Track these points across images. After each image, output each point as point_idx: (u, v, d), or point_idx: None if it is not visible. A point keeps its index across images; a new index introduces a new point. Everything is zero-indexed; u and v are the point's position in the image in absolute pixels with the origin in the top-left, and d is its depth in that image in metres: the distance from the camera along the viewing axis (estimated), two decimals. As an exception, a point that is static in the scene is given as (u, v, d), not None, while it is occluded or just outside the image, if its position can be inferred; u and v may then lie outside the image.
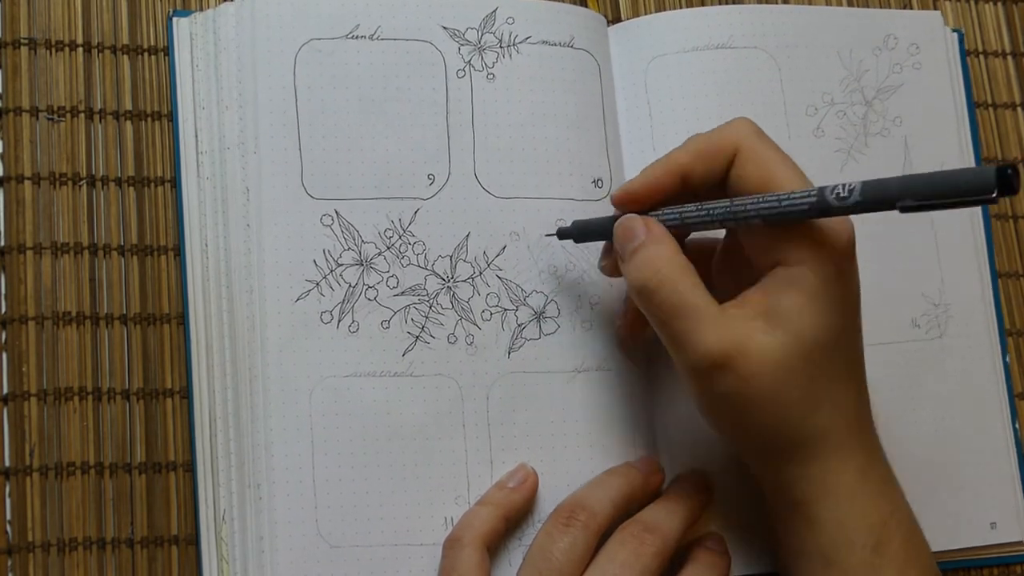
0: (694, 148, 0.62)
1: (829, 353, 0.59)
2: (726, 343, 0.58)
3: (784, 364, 0.58)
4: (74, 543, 0.63)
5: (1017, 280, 0.79)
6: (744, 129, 0.62)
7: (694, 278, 0.60)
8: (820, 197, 0.56)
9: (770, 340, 0.58)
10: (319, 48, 0.68)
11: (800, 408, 0.60)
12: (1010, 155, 0.81)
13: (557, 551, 0.62)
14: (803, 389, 0.59)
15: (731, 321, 0.59)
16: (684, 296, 0.59)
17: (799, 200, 0.57)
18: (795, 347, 0.58)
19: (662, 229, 0.62)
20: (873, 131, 0.76)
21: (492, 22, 0.70)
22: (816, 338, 0.59)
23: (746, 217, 0.59)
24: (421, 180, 0.68)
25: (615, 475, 0.66)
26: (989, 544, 0.73)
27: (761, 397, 0.59)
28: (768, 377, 0.58)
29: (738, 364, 0.58)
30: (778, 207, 0.57)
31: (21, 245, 0.65)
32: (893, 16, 0.79)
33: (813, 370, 0.59)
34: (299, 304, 0.65)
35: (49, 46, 0.68)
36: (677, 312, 0.59)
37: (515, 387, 0.67)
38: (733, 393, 0.59)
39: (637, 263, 0.61)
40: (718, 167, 0.62)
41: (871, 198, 0.54)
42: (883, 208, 0.54)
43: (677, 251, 0.61)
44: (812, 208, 0.56)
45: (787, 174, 0.60)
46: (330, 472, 0.64)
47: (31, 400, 0.64)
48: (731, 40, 0.74)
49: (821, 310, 0.59)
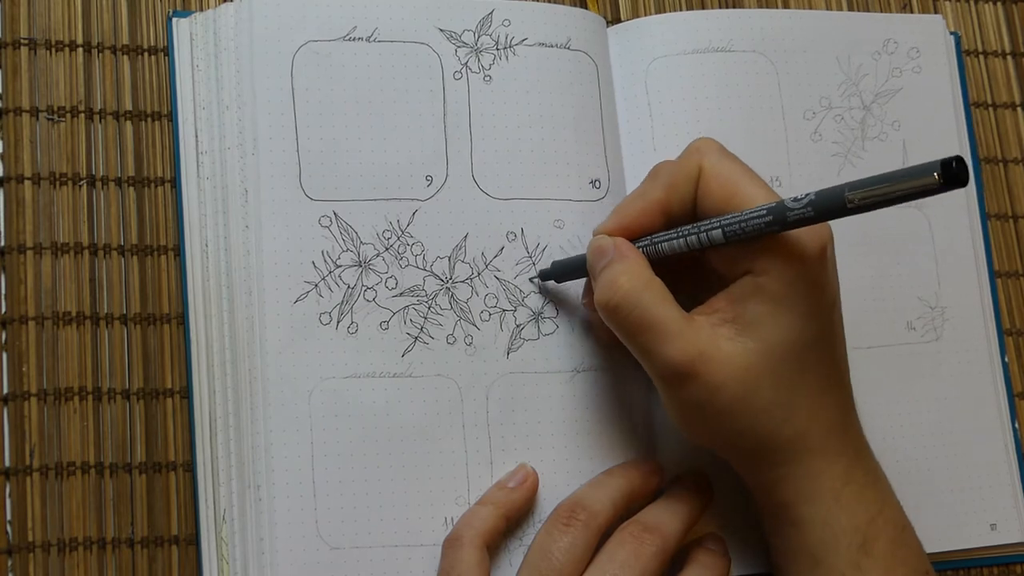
0: (665, 181, 0.63)
1: (800, 359, 0.60)
2: (690, 353, 0.59)
3: (751, 371, 0.59)
4: (74, 543, 0.63)
5: (1016, 280, 0.79)
6: (704, 148, 0.63)
7: (658, 291, 0.60)
8: (777, 211, 0.56)
9: (735, 347, 0.59)
10: (316, 50, 0.68)
11: (773, 414, 0.60)
12: (1010, 155, 0.81)
13: (557, 550, 0.62)
14: (774, 395, 0.59)
15: (696, 331, 0.59)
16: (647, 311, 0.60)
17: (757, 216, 0.57)
18: (762, 354, 0.59)
19: (628, 246, 0.62)
20: (871, 135, 0.76)
21: (489, 24, 0.70)
22: (784, 344, 0.59)
23: (711, 238, 0.59)
24: (419, 181, 0.68)
25: (615, 475, 0.66)
26: (989, 545, 0.73)
27: (730, 404, 0.59)
28: (735, 384, 0.59)
29: (703, 372, 0.59)
30: (739, 225, 0.58)
31: (21, 245, 0.65)
32: (894, 20, 0.79)
33: (783, 376, 0.59)
34: (298, 305, 0.65)
35: (49, 46, 0.68)
36: (640, 327, 0.60)
37: (514, 387, 0.67)
38: (702, 401, 0.60)
39: (602, 281, 0.61)
40: (688, 193, 0.62)
41: (824, 206, 0.54)
42: (838, 215, 0.54)
43: (642, 266, 0.61)
44: (771, 223, 0.57)
45: (749, 188, 0.60)
46: (330, 473, 0.64)
47: (31, 400, 0.64)
48: (731, 44, 0.74)
49: (789, 317, 0.59)
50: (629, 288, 0.60)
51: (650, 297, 0.60)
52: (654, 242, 0.62)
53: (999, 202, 0.80)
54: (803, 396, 0.60)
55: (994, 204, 0.79)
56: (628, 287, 0.60)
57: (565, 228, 0.69)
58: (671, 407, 0.62)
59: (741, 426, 0.60)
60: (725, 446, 0.63)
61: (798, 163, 0.74)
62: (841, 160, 0.75)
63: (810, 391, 0.60)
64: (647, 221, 0.63)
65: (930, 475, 0.72)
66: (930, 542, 0.65)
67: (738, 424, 0.60)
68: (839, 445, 0.61)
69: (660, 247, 0.62)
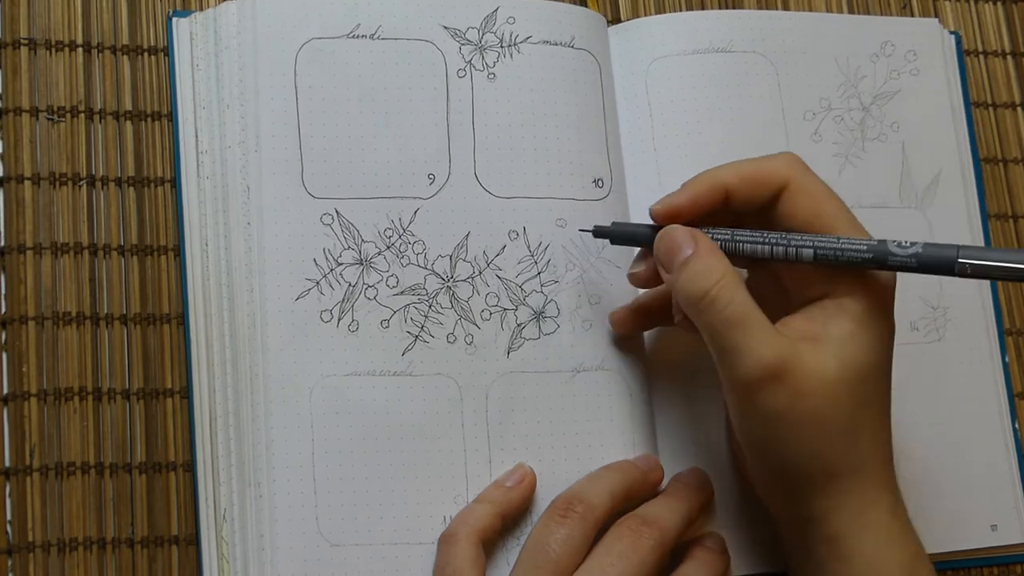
0: (741, 172, 0.63)
1: (872, 384, 0.60)
2: (782, 355, 0.58)
3: (833, 386, 0.59)
4: (74, 543, 0.63)
5: (1017, 280, 0.79)
6: (794, 162, 0.63)
7: (746, 291, 0.60)
8: (878, 251, 0.57)
9: (822, 360, 0.59)
10: (320, 47, 0.68)
11: (843, 436, 0.60)
12: (1010, 155, 0.81)
13: (554, 542, 0.61)
14: (847, 416, 0.59)
15: (783, 337, 0.59)
16: (740, 307, 0.59)
17: (855, 249, 0.58)
18: (842, 372, 0.59)
19: (709, 241, 0.62)
20: (870, 136, 0.76)
21: (493, 22, 0.70)
22: (863, 366, 0.59)
23: (800, 254, 0.60)
24: (421, 179, 0.68)
25: (614, 469, 0.66)
26: (990, 546, 0.73)
27: (808, 417, 0.59)
28: (818, 396, 0.59)
29: (790, 379, 0.58)
30: (833, 251, 0.58)
31: (21, 245, 0.65)
32: (891, 23, 0.80)
33: (858, 398, 0.60)
34: (299, 303, 0.65)
35: (49, 46, 0.68)
36: (733, 323, 0.59)
37: (514, 387, 0.67)
38: (782, 410, 0.59)
39: (691, 274, 0.61)
40: (763, 195, 0.62)
41: (930, 263, 0.56)
42: (941, 273, 0.56)
43: (729, 263, 0.61)
44: (868, 260, 0.57)
45: (834, 210, 0.61)
46: (330, 471, 0.64)
47: (31, 400, 0.64)
48: (731, 44, 0.75)
49: (866, 340, 0.60)
50: (723, 281, 0.60)
51: (743, 294, 0.60)
52: (736, 239, 0.62)
53: (999, 202, 0.80)
54: (868, 422, 0.60)
55: (994, 204, 0.80)
56: (722, 280, 0.60)
57: (567, 227, 0.69)
58: (744, 416, 0.61)
59: (810, 444, 0.60)
60: (784, 468, 0.62)
61: (798, 164, 0.74)
62: (841, 161, 0.76)
63: (874, 418, 0.61)
64: (707, 202, 0.62)
65: (931, 476, 0.73)
66: (931, 543, 0.65)
67: (808, 440, 0.60)
68: (889, 479, 0.62)
69: (742, 246, 0.62)
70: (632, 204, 0.71)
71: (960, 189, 0.77)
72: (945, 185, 0.77)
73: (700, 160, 0.71)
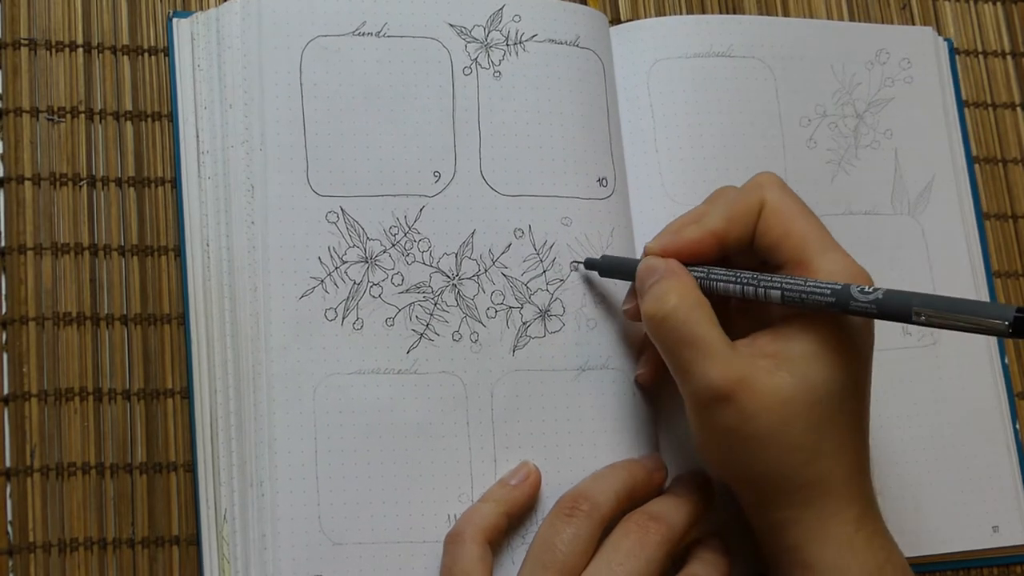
0: (726, 212, 0.63)
1: (834, 403, 0.60)
2: (731, 376, 0.59)
3: (787, 406, 0.59)
4: (75, 543, 0.63)
5: (1016, 280, 0.79)
6: (769, 183, 0.64)
7: (706, 312, 0.61)
8: (841, 296, 0.57)
9: (775, 380, 0.59)
10: (325, 45, 0.68)
11: (800, 453, 0.60)
12: (1009, 155, 0.81)
13: (560, 542, 0.61)
14: (804, 434, 0.59)
15: (738, 357, 0.60)
16: (692, 327, 0.60)
17: (819, 293, 0.58)
18: (800, 391, 0.59)
19: (680, 266, 0.63)
20: (864, 143, 0.77)
21: (499, 20, 0.70)
22: (822, 386, 0.59)
23: (768, 295, 0.60)
24: (427, 177, 0.68)
25: (618, 468, 0.66)
26: (992, 547, 0.73)
27: (761, 436, 0.59)
28: (769, 416, 0.59)
29: (740, 399, 0.59)
30: (799, 293, 0.59)
31: (21, 246, 0.65)
32: (885, 31, 0.80)
33: (816, 417, 0.59)
34: (303, 301, 0.65)
35: (49, 46, 0.68)
36: (684, 342, 0.60)
37: (519, 385, 0.67)
38: (733, 428, 0.60)
39: (651, 295, 0.62)
40: (748, 228, 0.63)
41: (889, 310, 0.56)
42: (899, 320, 0.55)
43: (692, 286, 0.62)
44: (831, 304, 0.57)
45: (803, 227, 0.62)
46: (333, 469, 0.63)
47: (32, 401, 0.64)
48: (731, 49, 0.75)
49: (831, 360, 0.60)
50: (678, 303, 0.61)
51: (698, 315, 0.60)
52: (711, 278, 0.63)
53: (999, 202, 0.80)
54: (830, 440, 0.60)
55: (994, 204, 0.80)
56: (677, 302, 0.61)
57: (572, 225, 0.69)
58: (699, 431, 0.62)
59: (766, 461, 0.60)
60: (743, 480, 0.63)
61: (794, 169, 0.75)
62: (835, 167, 0.76)
63: (837, 436, 0.60)
64: (702, 250, 0.64)
65: (932, 478, 0.73)
66: (932, 544, 0.65)
67: (763, 458, 0.60)
68: (855, 491, 0.61)
69: (716, 285, 0.62)
70: (633, 205, 0.71)
71: (954, 195, 0.78)
72: (938, 192, 0.77)
73: (701, 162, 0.72)
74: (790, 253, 0.62)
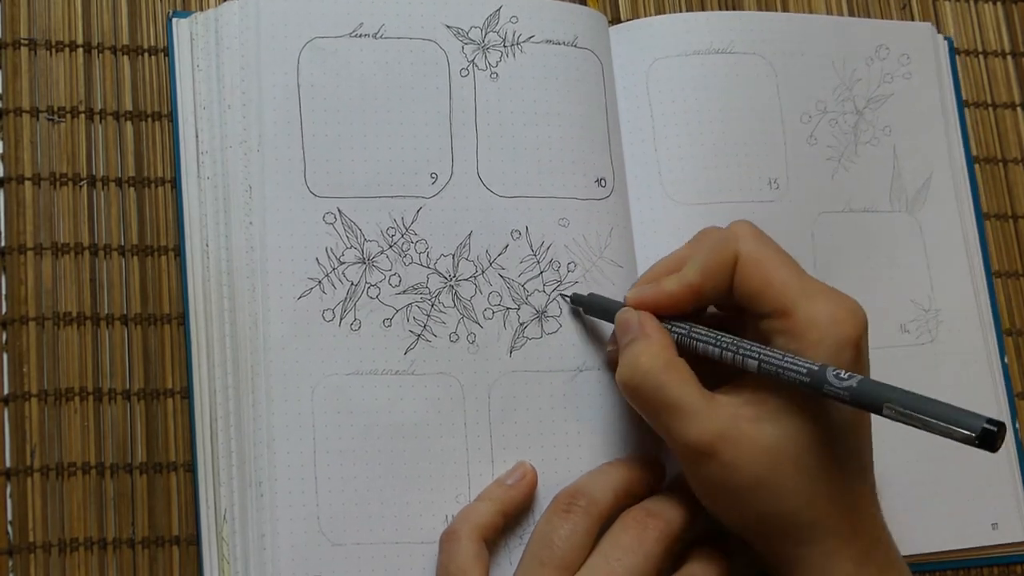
0: (702, 265, 0.63)
1: (825, 448, 0.60)
2: (709, 433, 0.59)
3: (771, 454, 0.59)
4: (75, 543, 0.63)
5: (1016, 280, 0.79)
6: (742, 233, 0.64)
7: (679, 372, 0.61)
8: (817, 377, 0.57)
9: (757, 430, 0.59)
10: (322, 46, 0.68)
11: (795, 498, 0.59)
12: (1009, 155, 0.81)
13: (558, 538, 0.61)
14: (795, 481, 0.59)
15: (717, 410, 0.60)
16: (666, 392, 0.60)
17: (795, 370, 0.58)
18: (784, 440, 0.59)
19: (655, 325, 0.63)
20: (863, 140, 0.77)
21: (496, 21, 0.70)
22: (808, 433, 0.59)
23: (745, 364, 0.60)
24: (424, 179, 0.68)
25: (616, 465, 0.66)
26: (991, 545, 0.73)
27: (750, 486, 0.59)
28: (754, 466, 0.59)
29: (721, 452, 0.59)
30: (776, 366, 0.59)
31: (22, 245, 0.65)
32: (885, 26, 0.80)
33: (805, 463, 0.59)
34: (301, 302, 0.65)
35: (49, 46, 0.68)
36: (659, 408, 0.60)
37: (516, 386, 0.67)
38: (720, 480, 0.60)
39: (624, 360, 0.62)
40: (724, 281, 0.63)
41: (861, 399, 0.55)
42: (870, 408, 0.55)
43: (664, 346, 0.62)
44: (806, 384, 0.57)
45: (783, 276, 0.62)
46: (332, 470, 0.64)
47: (32, 401, 0.64)
48: (731, 46, 0.75)
49: (818, 411, 0.59)
50: (648, 368, 0.61)
51: (669, 378, 0.60)
52: (692, 336, 0.63)
53: (999, 202, 0.80)
54: (824, 484, 0.60)
55: (994, 204, 0.80)
56: (648, 367, 0.61)
57: (570, 227, 0.69)
58: (693, 483, 0.62)
59: (759, 507, 0.60)
60: (742, 524, 0.63)
61: (795, 166, 0.75)
62: (835, 164, 0.76)
63: (831, 479, 0.60)
64: (679, 303, 0.64)
65: (931, 476, 0.73)
66: (932, 542, 0.65)
67: (756, 505, 0.60)
68: (857, 529, 0.61)
69: (696, 345, 0.63)
70: (633, 205, 0.71)
71: (952, 192, 0.77)
72: (936, 189, 0.77)
73: (700, 161, 0.72)
74: (772, 303, 0.61)
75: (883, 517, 0.63)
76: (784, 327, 0.61)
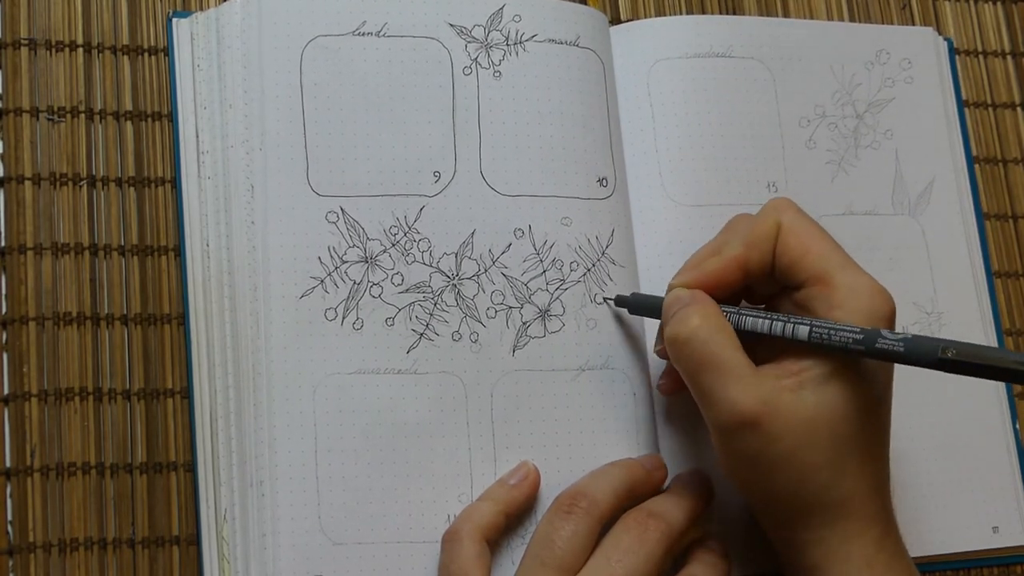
0: (744, 238, 0.64)
1: (857, 422, 0.60)
2: (755, 401, 0.59)
3: (810, 425, 0.59)
4: (75, 543, 0.63)
5: (1016, 280, 0.79)
6: (782, 206, 0.65)
7: (729, 335, 0.61)
8: (869, 336, 0.58)
9: (798, 400, 0.59)
10: (325, 45, 0.68)
11: (823, 473, 0.60)
12: (1009, 155, 0.81)
13: (559, 539, 0.61)
14: (827, 454, 0.60)
15: (761, 380, 0.60)
16: (715, 350, 0.60)
17: (847, 332, 0.58)
18: (819, 411, 0.59)
19: (705, 295, 0.63)
20: (864, 143, 0.77)
21: (499, 20, 0.70)
22: (844, 405, 0.60)
23: (796, 333, 0.60)
24: (427, 177, 0.68)
25: (617, 466, 0.66)
26: (992, 548, 0.73)
27: (786, 457, 0.59)
28: (793, 437, 0.59)
29: (765, 423, 0.59)
30: (827, 332, 0.59)
31: (22, 245, 0.65)
32: (885, 31, 0.80)
33: (839, 437, 0.60)
34: (303, 301, 0.65)
35: (49, 46, 0.68)
36: (706, 365, 0.60)
37: (519, 385, 0.67)
38: (757, 451, 0.60)
39: (674, 321, 0.62)
40: (767, 251, 0.64)
41: (916, 351, 0.57)
42: (925, 365, 0.56)
43: (716, 311, 0.62)
44: (858, 342, 0.58)
45: (823, 246, 0.63)
46: (333, 469, 0.64)
47: (32, 401, 0.64)
48: (731, 50, 0.75)
49: (853, 379, 0.60)
50: (700, 324, 0.61)
51: (721, 338, 0.61)
52: (740, 313, 0.63)
53: (999, 202, 0.80)
54: (853, 460, 0.60)
55: (994, 204, 0.80)
56: (699, 324, 0.61)
57: (572, 226, 0.69)
58: (723, 454, 0.62)
59: (789, 482, 0.60)
60: (768, 500, 0.63)
61: (794, 169, 0.75)
62: (835, 168, 0.76)
63: (860, 455, 0.61)
64: (726, 278, 0.64)
65: (932, 478, 0.73)
66: (933, 545, 0.65)
67: (787, 479, 0.60)
68: (876, 511, 0.61)
69: (744, 321, 0.62)
70: (633, 205, 0.71)
71: (954, 196, 0.78)
72: (938, 192, 0.77)
73: (700, 162, 0.72)
74: (810, 270, 0.62)
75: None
76: (823, 294, 0.61)
